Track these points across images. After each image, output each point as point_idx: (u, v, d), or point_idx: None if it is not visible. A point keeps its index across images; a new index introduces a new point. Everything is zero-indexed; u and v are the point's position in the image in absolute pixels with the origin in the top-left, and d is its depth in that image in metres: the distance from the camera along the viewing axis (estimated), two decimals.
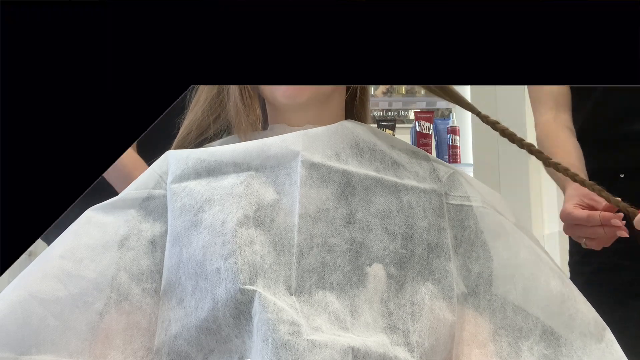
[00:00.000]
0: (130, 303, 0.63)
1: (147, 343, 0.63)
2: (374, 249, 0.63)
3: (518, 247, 0.69)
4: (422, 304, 0.63)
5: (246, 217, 0.62)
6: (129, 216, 0.67)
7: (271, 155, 0.67)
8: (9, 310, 0.60)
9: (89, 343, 0.61)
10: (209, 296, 0.60)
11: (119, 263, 0.64)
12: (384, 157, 0.70)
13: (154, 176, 0.70)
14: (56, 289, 0.62)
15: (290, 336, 0.55)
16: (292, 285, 0.60)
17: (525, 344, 0.64)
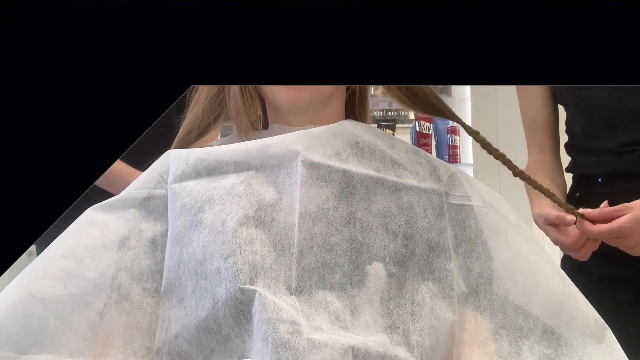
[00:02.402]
0: (130, 303, 0.63)
1: (147, 343, 0.63)
2: (374, 248, 0.63)
3: (518, 246, 0.69)
4: (422, 304, 0.63)
5: (246, 216, 0.63)
6: (129, 216, 0.67)
7: (271, 155, 0.67)
8: (10, 310, 0.60)
9: (89, 343, 0.61)
10: (209, 296, 0.60)
11: (119, 263, 0.64)
12: (384, 156, 0.70)
13: (154, 176, 0.70)
14: (57, 288, 0.62)
15: (290, 335, 0.55)
16: (292, 285, 0.60)
17: (526, 343, 0.64)
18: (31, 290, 0.61)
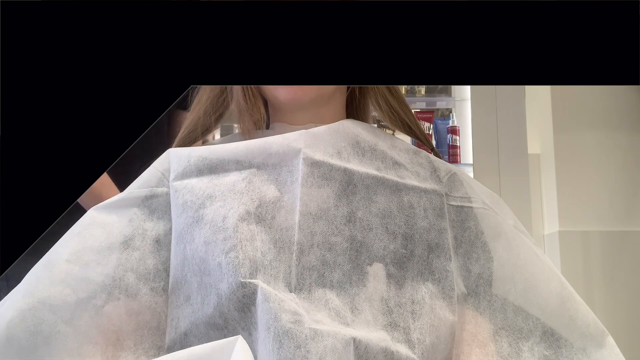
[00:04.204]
0: (139, 303, 0.63)
1: (158, 342, 0.63)
2: (374, 248, 0.63)
3: (518, 248, 0.69)
4: (422, 303, 0.63)
5: (247, 212, 0.63)
6: (132, 215, 0.67)
7: (273, 153, 0.67)
8: (20, 319, 0.60)
9: (100, 347, 0.61)
10: (213, 292, 0.60)
11: (125, 264, 0.64)
12: (384, 156, 0.70)
13: (156, 174, 0.70)
14: (65, 294, 0.62)
15: (292, 324, 0.55)
16: (292, 283, 0.60)
17: (525, 344, 0.64)
18: (39, 298, 0.61)
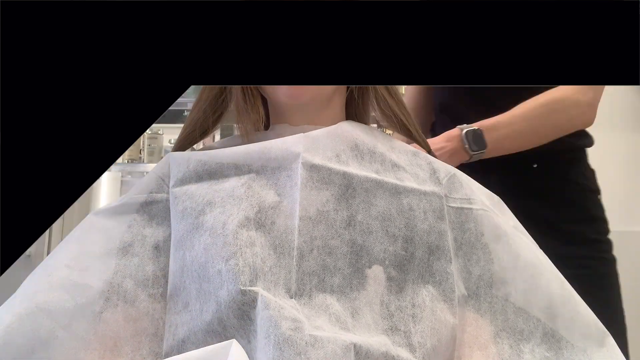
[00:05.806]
0: (137, 309, 0.63)
1: (155, 348, 0.63)
2: (374, 251, 0.63)
3: (518, 249, 0.69)
4: (423, 306, 0.63)
5: (247, 219, 0.62)
6: (132, 221, 0.67)
7: (272, 157, 0.67)
8: (18, 324, 0.60)
9: (98, 352, 0.61)
10: (212, 299, 0.60)
11: (124, 270, 0.64)
12: (384, 159, 0.70)
13: (155, 179, 0.70)
14: (63, 299, 0.61)
15: (292, 332, 0.55)
16: (292, 288, 0.60)
17: (526, 346, 0.64)
18: (38, 303, 0.61)
